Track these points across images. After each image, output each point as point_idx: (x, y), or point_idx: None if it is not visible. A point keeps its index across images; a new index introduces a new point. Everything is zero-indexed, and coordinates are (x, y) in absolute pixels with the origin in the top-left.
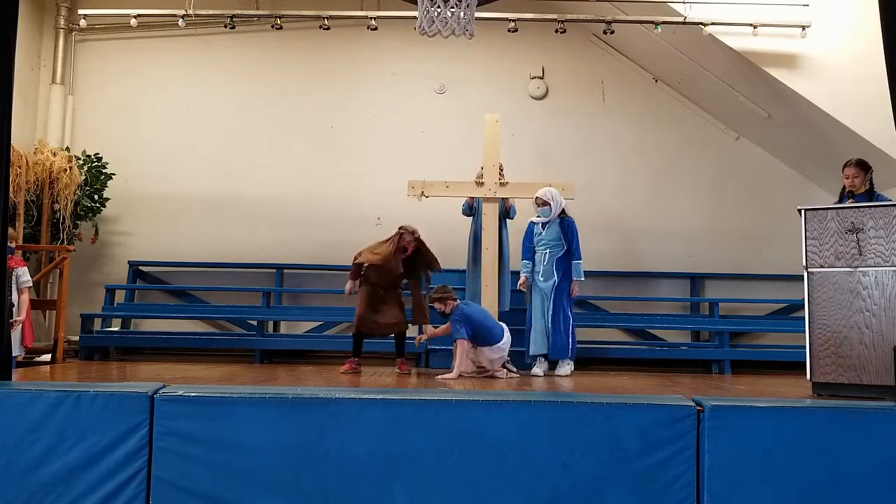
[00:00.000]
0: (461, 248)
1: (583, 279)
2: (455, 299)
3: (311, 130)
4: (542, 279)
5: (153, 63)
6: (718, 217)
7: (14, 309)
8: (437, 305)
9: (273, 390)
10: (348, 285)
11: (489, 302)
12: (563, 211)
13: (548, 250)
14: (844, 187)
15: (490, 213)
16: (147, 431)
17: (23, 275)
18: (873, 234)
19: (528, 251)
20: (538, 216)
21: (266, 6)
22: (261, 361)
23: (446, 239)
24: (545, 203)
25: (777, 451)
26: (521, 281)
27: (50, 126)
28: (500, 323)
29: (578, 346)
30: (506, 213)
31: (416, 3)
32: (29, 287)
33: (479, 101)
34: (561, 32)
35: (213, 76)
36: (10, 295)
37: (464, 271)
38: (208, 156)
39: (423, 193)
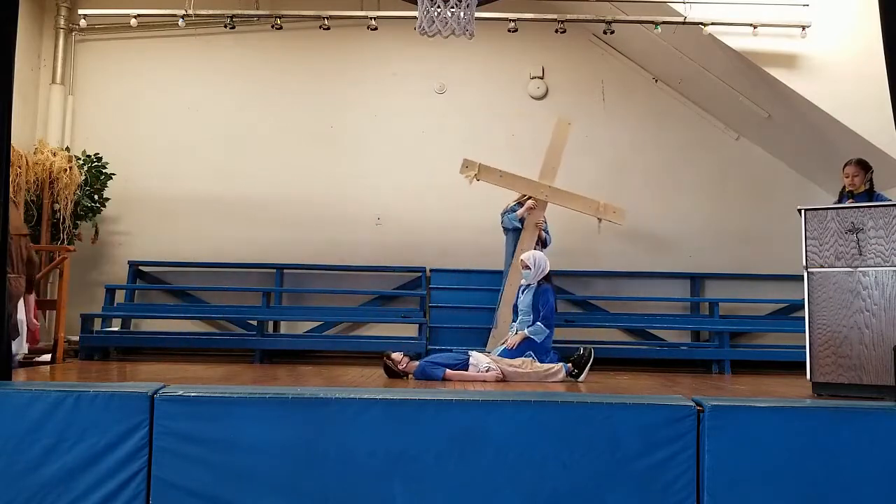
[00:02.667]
0: (461, 248)
1: (535, 339)
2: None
3: (311, 130)
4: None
5: (153, 63)
6: (718, 217)
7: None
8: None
9: (273, 390)
10: None
11: (508, 300)
12: (547, 277)
13: (518, 319)
14: (844, 187)
15: (534, 217)
16: (147, 431)
17: None
18: (873, 234)
19: (516, 313)
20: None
21: (266, 6)
22: (261, 361)
23: (448, 239)
24: (527, 266)
25: (777, 451)
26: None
27: (50, 126)
28: (469, 352)
29: (579, 346)
30: (542, 243)
31: (416, 3)
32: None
33: (479, 101)
34: (561, 32)
35: (213, 76)
36: None
37: (464, 271)
38: (208, 156)
39: (475, 177)
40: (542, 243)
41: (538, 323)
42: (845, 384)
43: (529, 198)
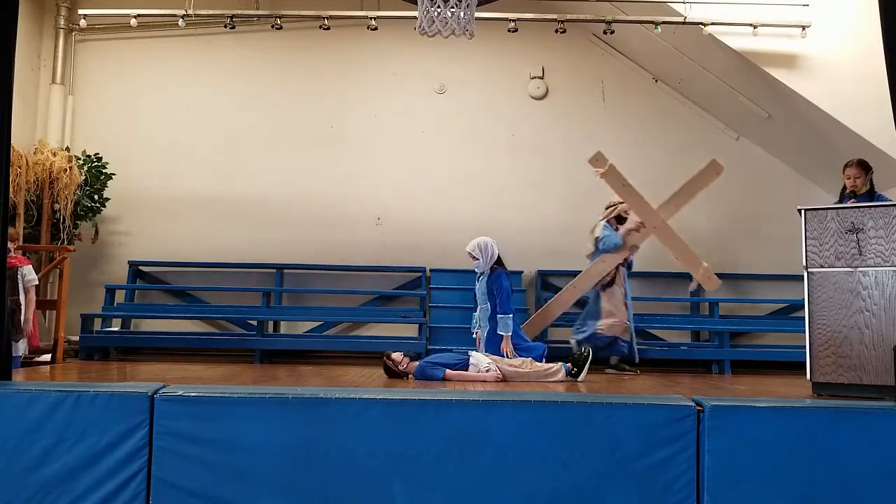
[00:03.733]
0: (461, 248)
1: (509, 333)
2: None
3: (311, 130)
4: (484, 339)
5: (153, 63)
6: (718, 217)
7: (22, 307)
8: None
9: (273, 390)
10: None
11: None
12: (499, 261)
13: (480, 306)
14: (845, 187)
15: (633, 240)
16: (147, 431)
17: (28, 273)
18: (873, 234)
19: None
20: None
21: (266, 6)
22: (261, 361)
23: (448, 239)
24: (475, 258)
25: (777, 451)
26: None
27: (50, 126)
28: (469, 352)
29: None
30: (627, 265)
31: (416, 3)
32: (35, 286)
33: (479, 101)
34: (561, 32)
35: (213, 76)
36: (18, 295)
37: (464, 271)
38: (208, 156)
39: (602, 175)
40: (628, 266)
41: (499, 315)
42: (845, 384)
43: (618, 214)
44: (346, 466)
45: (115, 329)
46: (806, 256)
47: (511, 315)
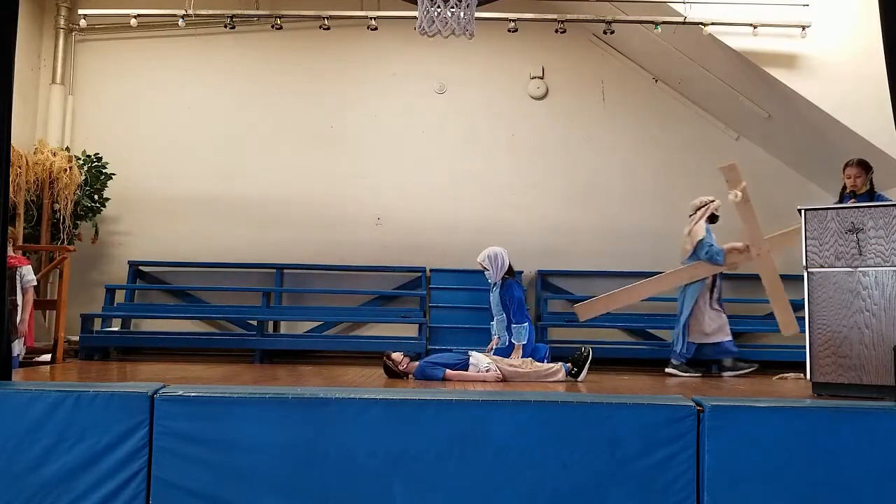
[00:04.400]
0: (461, 248)
1: (523, 342)
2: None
3: (311, 130)
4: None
5: (153, 63)
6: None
7: (19, 308)
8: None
9: (273, 390)
10: None
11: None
12: (510, 270)
13: (496, 317)
14: (845, 187)
15: (735, 258)
16: (147, 431)
17: (27, 273)
18: (873, 234)
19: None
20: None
21: (266, 6)
22: (261, 361)
23: (448, 239)
24: (485, 268)
25: (777, 451)
26: (489, 345)
27: (50, 126)
28: (469, 352)
29: (579, 346)
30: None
31: (416, 3)
32: (33, 286)
33: (479, 101)
34: (561, 32)
35: (213, 76)
36: (16, 295)
37: (464, 271)
38: (208, 156)
39: (737, 196)
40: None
41: (514, 325)
42: (845, 384)
43: (710, 213)
44: (346, 466)
45: (115, 329)
46: (806, 256)
47: (525, 324)
